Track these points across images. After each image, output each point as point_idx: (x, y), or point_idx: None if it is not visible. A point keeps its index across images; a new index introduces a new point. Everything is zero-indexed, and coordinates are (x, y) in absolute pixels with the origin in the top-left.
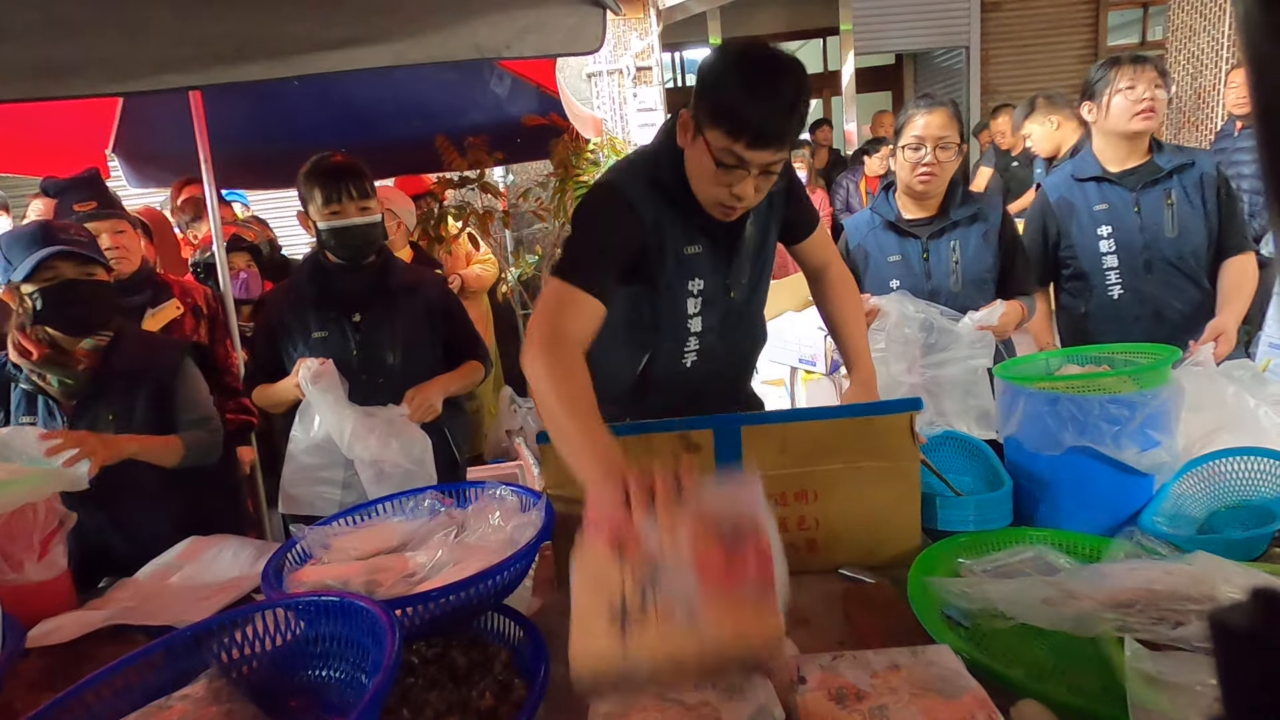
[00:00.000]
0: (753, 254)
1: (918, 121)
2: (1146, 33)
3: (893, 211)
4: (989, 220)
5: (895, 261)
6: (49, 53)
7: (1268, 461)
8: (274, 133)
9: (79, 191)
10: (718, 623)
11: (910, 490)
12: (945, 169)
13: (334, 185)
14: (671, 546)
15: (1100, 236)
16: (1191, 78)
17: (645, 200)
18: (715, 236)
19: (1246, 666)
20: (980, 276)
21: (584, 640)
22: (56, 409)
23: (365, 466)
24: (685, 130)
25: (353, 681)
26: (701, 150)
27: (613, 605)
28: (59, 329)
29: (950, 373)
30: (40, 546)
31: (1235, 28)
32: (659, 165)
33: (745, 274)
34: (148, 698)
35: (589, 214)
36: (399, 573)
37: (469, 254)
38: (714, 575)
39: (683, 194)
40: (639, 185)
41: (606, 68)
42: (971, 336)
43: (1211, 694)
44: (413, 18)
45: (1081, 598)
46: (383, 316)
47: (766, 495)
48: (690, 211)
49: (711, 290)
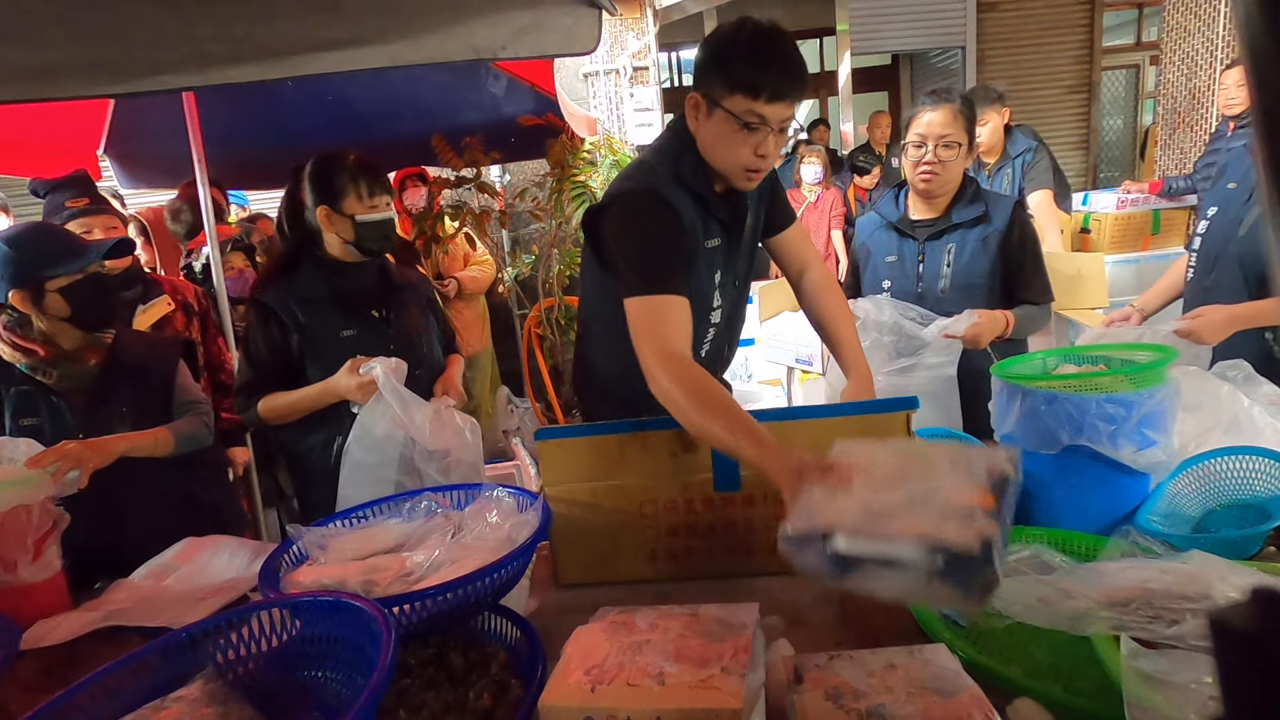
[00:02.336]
0: (749, 246)
1: (921, 119)
2: (1141, 33)
3: (896, 212)
4: (993, 224)
5: (891, 262)
6: (40, 54)
7: (1262, 461)
8: (268, 133)
9: (69, 190)
10: (679, 680)
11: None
12: (948, 168)
13: (372, 180)
14: (659, 632)
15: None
16: (1186, 78)
17: (679, 199)
18: (729, 229)
19: (1247, 667)
20: (971, 282)
21: (556, 682)
22: (65, 407)
23: (435, 459)
24: (696, 111)
25: (349, 682)
26: (722, 120)
27: (590, 664)
28: (88, 325)
29: (915, 379)
30: (34, 548)
31: (1234, 27)
32: (680, 164)
33: (745, 264)
34: (143, 699)
35: (640, 224)
36: (396, 572)
37: (466, 254)
38: (689, 655)
39: (704, 190)
40: (671, 186)
41: (603, 68)
42: (938, 344)
43: (1207, 692)
44: (408, 19)
45: (1078, 596)
46: (401, 311)
47: (763, 494)
48: (710, 207)
49: (726, 281)
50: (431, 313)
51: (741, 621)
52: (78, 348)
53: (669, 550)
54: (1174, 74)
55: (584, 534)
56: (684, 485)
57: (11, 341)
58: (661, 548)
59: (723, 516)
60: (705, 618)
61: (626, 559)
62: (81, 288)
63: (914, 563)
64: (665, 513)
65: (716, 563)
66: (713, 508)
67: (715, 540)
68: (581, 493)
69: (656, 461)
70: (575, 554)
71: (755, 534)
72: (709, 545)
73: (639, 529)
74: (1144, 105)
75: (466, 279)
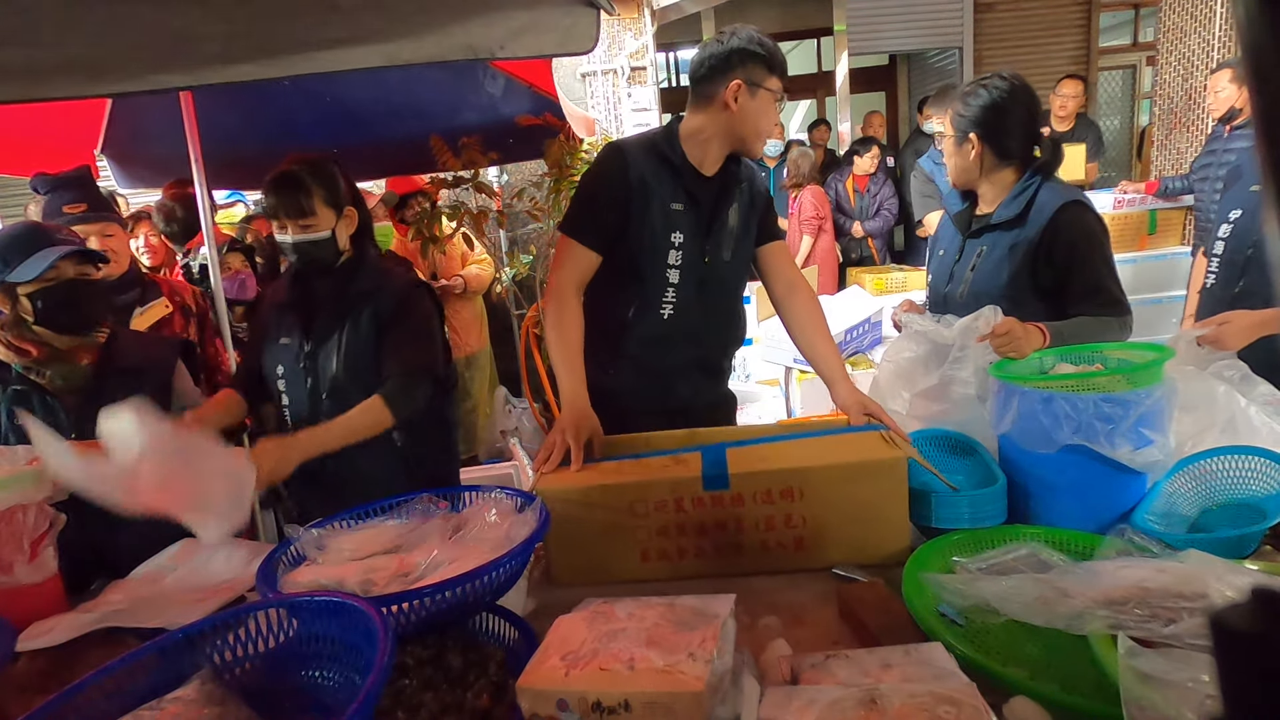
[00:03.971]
0: (735, 237)
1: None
2: (1138, 34)
3: (957, 203)
4: (1026, 229)
5: (940, 255)
6: (37, 54)
7: (1258, 460)
8: (266, 133)
9: (69, 191)
10: (648, 665)
11: (897, 486)
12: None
13: (288, 201)
14: (635, 621)
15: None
16: (1183, 79)
17: (637, 155)
18: (698, 200)
19: (1247, 667)
20: (986, 289)
21: (534, 666)
22: (59, 407)
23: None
24: (736, 95)
25: (347, 682)
26: (765, 98)
27: (567, 650)
28: (58, 329)
29: (952, 394)
30: (30, 549)
31: (1234, 27)
32: (656, 135)
33: (725, 250)
34: (140, 700)
35: (589, 172)
36: (395, 572)
37: (464, 254)
38: (660, 642)
39: (676, 157)
40: (636, 146)
41: (601, 68)
42: (974, 352)
43: (1205, 691)
44: (405, 18)
45: (1075, 595)
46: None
47: (751, 494)
48: (679, 173)
49: (690, 251)
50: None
51: (714, 611)
52: (70, 348)
53: (660, 550)
54: (1170, 75)
55: (577, 535)
56: (673, 485)
57: (6, 341)
58: (653, 548)
59: (712, 516)
60: (681, 608)
61: (618, 559)
62: (49, 293)
63: None
64: (655, 512)
65: (707, 561)
66: (702, 507)
67: (705, 539)
68: (574, 494)
69: (646, 462)
70: (569, 554)
71: (744, 533)
72: (699, 545)
73: (630, 529)
74: (1140, 106)
75: (470, 276)
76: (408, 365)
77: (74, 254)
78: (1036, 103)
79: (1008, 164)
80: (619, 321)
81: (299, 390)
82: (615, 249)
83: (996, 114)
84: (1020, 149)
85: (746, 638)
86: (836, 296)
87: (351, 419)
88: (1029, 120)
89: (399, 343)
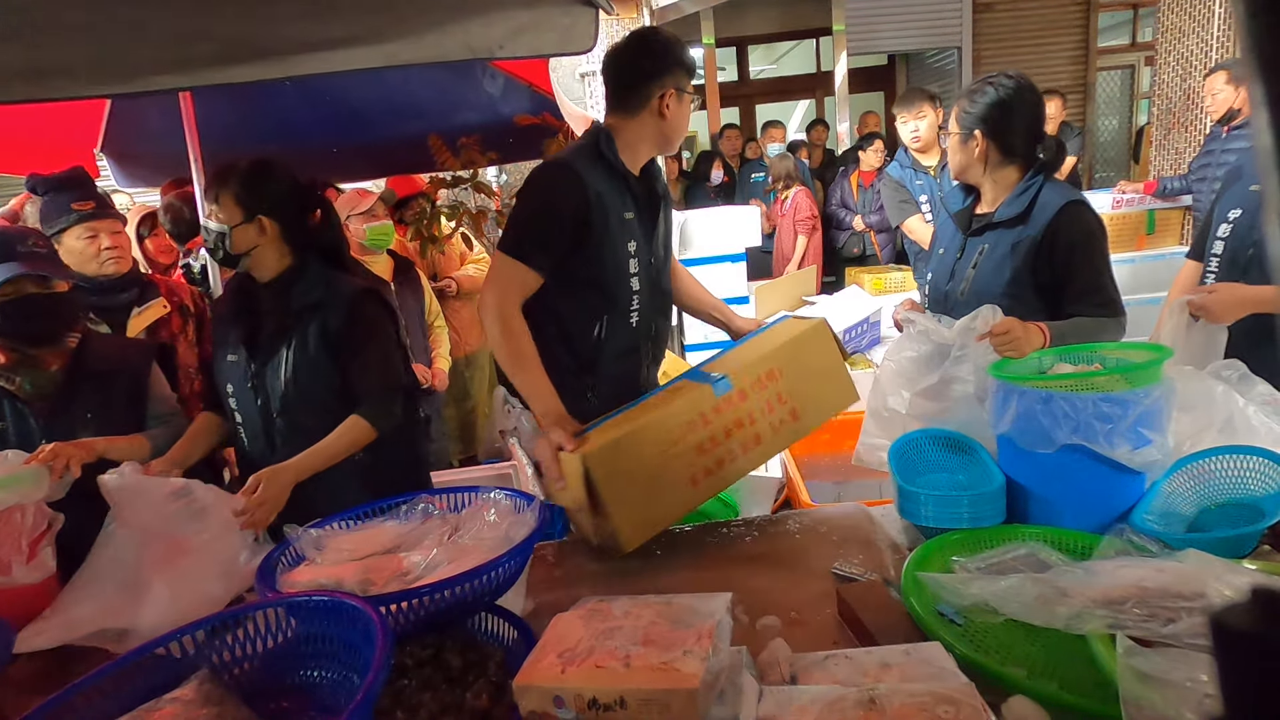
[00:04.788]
0: (664, 237)
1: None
2: (1136, 34)
3: (956, 202)
4: (1029, 227)
5: (940, 254)
6: (37, 54)
7: (1256, 460)
8: (265, 133)
9: (74, 190)
10: (644, 663)
11: (828, 343)
12: (950, 155)
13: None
14: (632, 619)
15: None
16: (1181, 79)
17: (592, 173)
18: (641, 206)
19: (1246, 667)
20: (988, 287)
21: (530, 664)
22: (28, 411)
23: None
24: (668, 102)
25: (345, 682)
26: (687, 101)
27: (564, 648)
28: (21, 342)
29: (953, 392)
30: (28, 549)
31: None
32: (598, 144)
33: (661, 247)
34: (138, 700)
35: (537, 193)
36: (393, 572)
37: (463, 254)
38: (656, 640)
39: (620, 166)
40: (586, 160)
41: (600, 68)
42: (972, 352)
43: (1204, 690)
44: (405, 18)
45: (1074, 595)
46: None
47: (750, 384)
48: (626, 181)
49: (643, 255)
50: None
51: (710, 609)
52: (40, 354)
53: (704, 468)
54: (1169, 75)
55: (629, 487)
56: (691, 402)
57: None
58: (698, 466)
59: (731, 416)
60: (677, 606)
61: (672, 493)
62: (7, 308)
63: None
64: (688, 433)
65: (739, 464)
66: (720, 412)
67: (732, 441)
68: (610, 449)
69: (645, 403)
70: (630, 510)
71: (756, 422)
72: (729, 449)
73: (674, 457)
74: (1139, 106)
75: (464, 279)
76: (382, 382)
77: (31, 276)
78: (1041, 103)
79: (1011, 162)
80: (590, 342)
81: (250, 408)
82: (576, 271)
83: (1003, 112)
84: (1024, 148)
85: (746, 638)
86: (836, 296)
87: (336, 441)
88: (1034, 120)
89: (366, 364)
